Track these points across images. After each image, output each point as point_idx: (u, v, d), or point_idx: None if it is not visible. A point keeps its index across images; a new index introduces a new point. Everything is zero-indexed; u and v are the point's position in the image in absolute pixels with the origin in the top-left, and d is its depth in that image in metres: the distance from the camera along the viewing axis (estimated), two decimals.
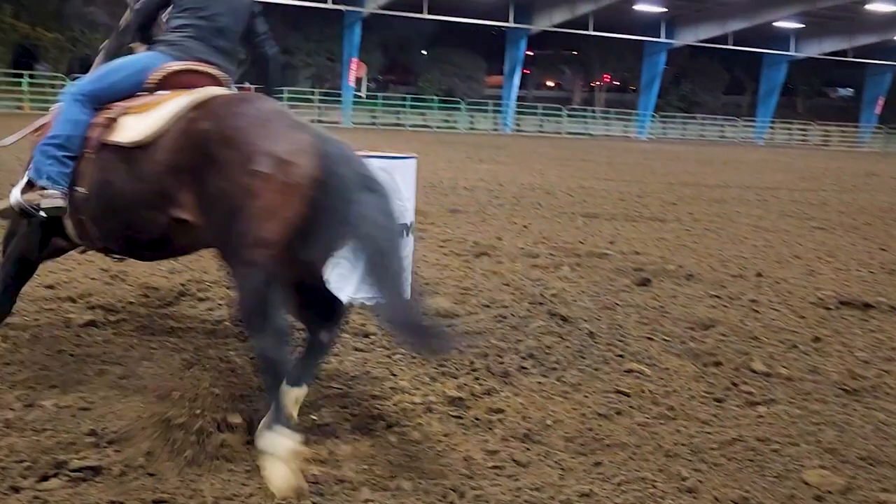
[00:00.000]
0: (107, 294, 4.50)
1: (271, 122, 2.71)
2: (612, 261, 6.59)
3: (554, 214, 9.48)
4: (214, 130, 2.68)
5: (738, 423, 3.26)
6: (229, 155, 2.61)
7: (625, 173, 16.56)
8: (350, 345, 3.91)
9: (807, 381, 3.83)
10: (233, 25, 3.29)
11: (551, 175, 15.06)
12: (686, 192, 13.24)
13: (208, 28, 3.21)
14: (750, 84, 45.37)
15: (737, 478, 2.77)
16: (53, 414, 2.89)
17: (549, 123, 39.45)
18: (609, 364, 3.90)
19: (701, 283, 5.91)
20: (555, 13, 35.68)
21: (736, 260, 7.01)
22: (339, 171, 2.60)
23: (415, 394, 3.32)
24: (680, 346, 4.26)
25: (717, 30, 37.68)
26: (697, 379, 3.77)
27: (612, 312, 4.87)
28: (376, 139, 22.23)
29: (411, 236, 4.79)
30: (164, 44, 3.20)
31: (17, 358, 3.41)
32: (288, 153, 2.58)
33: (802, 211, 11.28)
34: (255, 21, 3.45)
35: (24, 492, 2.39)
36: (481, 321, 4.45)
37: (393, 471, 2.66)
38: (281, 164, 2.55)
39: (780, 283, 6.06)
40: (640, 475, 2.73)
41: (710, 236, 8.40)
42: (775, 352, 4.26)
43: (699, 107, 44.32)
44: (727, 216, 10.23)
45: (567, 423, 3.13)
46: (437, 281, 5.39)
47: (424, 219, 8.00)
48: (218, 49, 3.23)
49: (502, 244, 7.11)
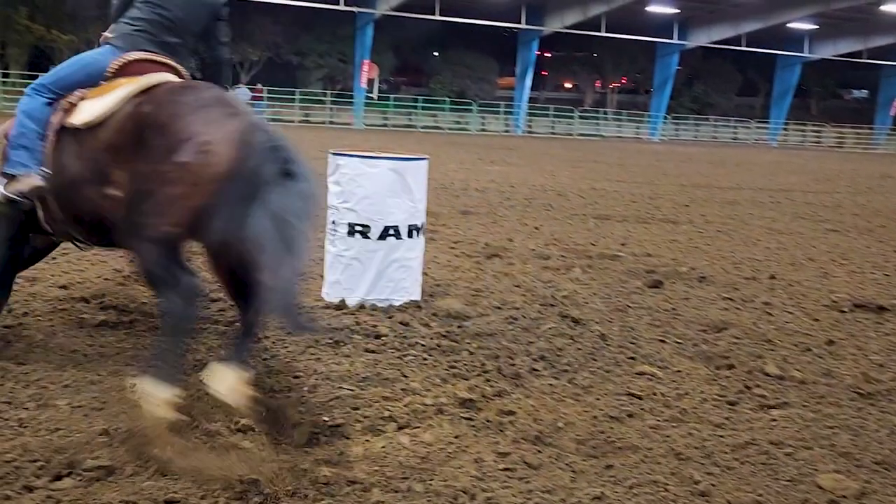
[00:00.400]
0: (120, 295, 4.52)
1: (205, 111, 2.87)
2: (623, 263, 6.57)
3: (565, 216, 9.46)
4: (153, 115, 2.88)
5: (751, 427, 3.23)
6: (158, 141, 2.81)
7: (637, 175, 16.51)
8: (361, 346, 3.91)
9: (821, 384, 3.80)
10: (187, 23, 3.43)
11: (563, 177, 15.04)
12: (698, 193, 13.19)
13: (158, 23, 3.36)
14: (763, 85, 45.18)
15: (750, 482, 2.75)
16: (67, 413, 2.91)
17: (561, 125, 39.41)
18: (621, 366, 3.88)
19: (713, 286, 5.88)
20: (567, 14, 35.64)
21: (749, 262, 6.97)
22: (258, 160, 2.74)
23: (426, 395, 3.32)
24: (692, 349, 4.24)
25: (731, 31, 37.53)
26: (710, 382, 3.75)
27: (623, 314, 4.85)
28: (388, 140, 22.27)
29: (422, 237, 4.79)
30: (116, 36, 3.40)
31: (31, 358, 3.43)
32: (210, 143, 2.75)
33: (816, 213, 11.21)
34: (218, 24, 3.60)
35: (37, 491, 2.40)
36: (492, 323, 4.44)
37: (404, 472, 2.66)
38: (200, 154, 2.74)
39: (793, 286, 6.03)
40: (651, 478, 2.72)
41: (722, 238, 8.35)
42: (789, 355, 4.23)
43: (712, 108, 44.16)
44: (740, 218, 10.18)
45: (578, 426, 3.12)
46: (449, 282, 5.39)
47: (436, 220, 8.00)
48: (166, 44, 3.38)
49: (514, 246, 7.10)
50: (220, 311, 4.34)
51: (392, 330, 4.17)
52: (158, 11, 3.35)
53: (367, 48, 34.34)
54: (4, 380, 3.15)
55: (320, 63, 37.92)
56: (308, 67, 38.09)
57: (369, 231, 4.53)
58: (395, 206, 4.55)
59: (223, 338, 3.91)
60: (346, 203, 4.55)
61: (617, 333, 4.41)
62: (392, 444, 2.86)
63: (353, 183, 4.52)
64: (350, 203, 4.54)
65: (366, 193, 4.51)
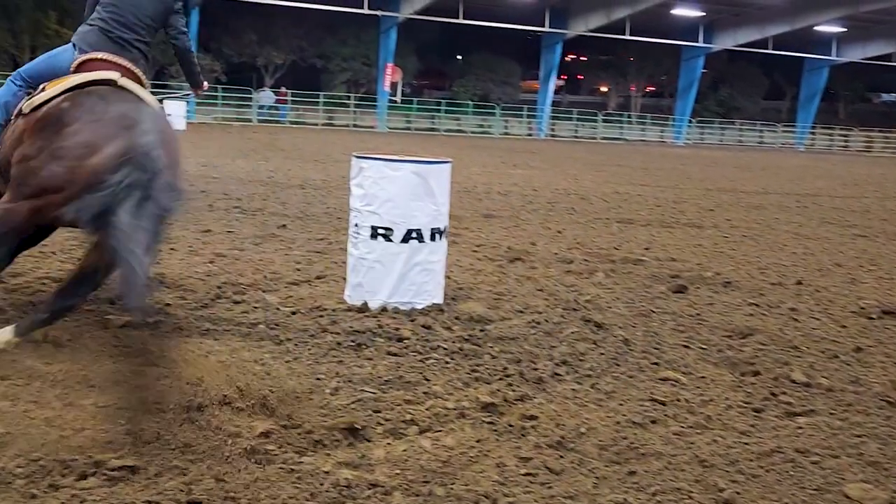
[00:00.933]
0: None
1: (103, 122, 3.27)
2: (647, 267, 6.53)
3: (588, 220, 9.42)
4: (61, 113, 3.32)
5: (777, 434, 3.19)
6: (50, 137, 3.26)
7: (661, 179, 16.40)
8: (384, 349, 3.92)
9: (848, 391, 3.75)
10: (142, 20, 3.82)
11: (586, 180, 14.98)
12: (724, 198, 13.07)
13: (114, 21, 3.75)
14: (790, 89, 44.69)
15: (775, 490, 2.71)
16: (92, 413, 2.94)
17: (585, 129, 39.27)
18: (644, 372, 3.85)
19: (739, 291, 5.82)
20: (591, 18, 35.51)
21: (775, 267, 6.89)
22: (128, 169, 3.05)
23: (448, 399, 3.31)
24: (717, 355, 4.20)
25: (757, 34, 37.17)
26: (735, 388, 3.71)
27: (647, 319, 4.81)
28: (411, 144, 22.31)
29: (445, 240, 4.79)
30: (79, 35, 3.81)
31: (58, 358, 3.47)
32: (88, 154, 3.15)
33: (844, 218, 11.06)
34: (173, 17, 4.01)
35: (62, 490, 2.42)
36: (515, 327, 4.43)
37: (426, 476, 2.66)
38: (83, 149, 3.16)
39: (820, 292, 5.95)
40: (675, 485, 2.69)
41: (748, 243, 8.27)
42: (816, 361, 4.18)
43: (738, 112, 43.75)
44: (766, 223, 10.07)
45: (601, 431, 3.10)
46: (471, 286, 5.38)
47: (458, 223, 8.00)
48: (121, 39, 3.75)
49: (536, 249, 7.08)
50: (244, 314, 4.37)
51: (414, 333, 4.17)
52: (111, 11, 3.75)
53: (390, 51, 34.47)
54: (32, 379, 3.19)
55: (344, 66, 38.09)
56: (332, 71, 38.27)
57: (392, 234, 4.54)
58: (418, 209, 4.55)
59: (246, 340, 3.93)
60: (368, 206, 4.57)
61: (640, 338, 4.38)
62: (414, 448, 2.85)
63: (377, 186, 4.54)
64: (373, 206, 4.55)
65: (389, 196, 4.52)
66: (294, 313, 4.43)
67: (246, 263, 5.69)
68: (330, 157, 17.53)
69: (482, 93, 40.31)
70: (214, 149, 18.01)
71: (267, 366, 3.52)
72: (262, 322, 4.21)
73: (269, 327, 4.14)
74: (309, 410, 3.05)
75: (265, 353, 3.70)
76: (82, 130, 3.23)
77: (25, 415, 2.86)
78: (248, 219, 8.04)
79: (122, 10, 3.77)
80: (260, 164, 14.72)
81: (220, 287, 4.91)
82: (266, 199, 9.63)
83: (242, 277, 5.19)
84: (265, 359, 3.61)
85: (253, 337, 3.99)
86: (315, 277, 5.39)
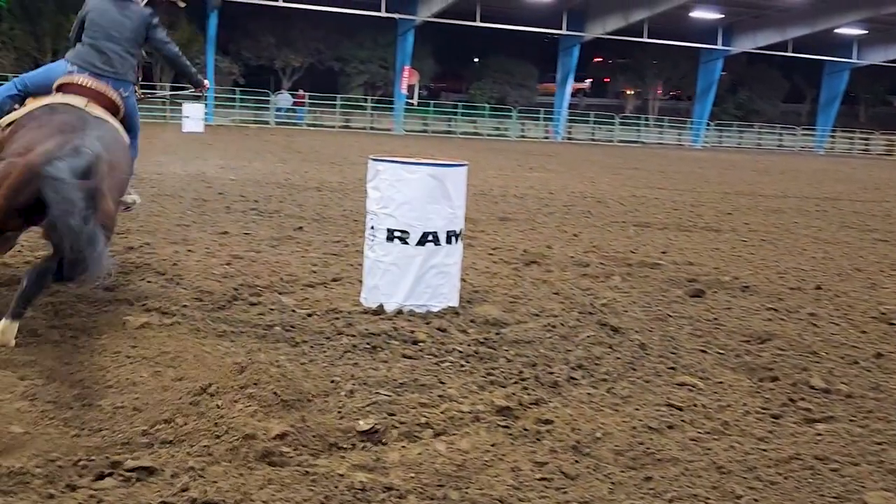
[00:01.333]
0: (162, 297, 4.60)
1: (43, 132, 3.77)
2: (664, 271, 6.49)
3: (605, 223, 9.38)
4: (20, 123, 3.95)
5: (796, 441, 3.16)
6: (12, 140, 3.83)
7: (678, 182, 16.32)
8: (399, 352, 3.92)
9: (868, 398, 3.70)
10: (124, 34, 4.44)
11: (602, 183, 14.93)
12: (742, 201, 12.98)
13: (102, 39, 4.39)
14: (810, 92, 44.36)
15: (794, 497, 2.68)
16: (110, 414, 2.96)
17: (601, 132, 39.15)
18: (661, 377, 3.82)
19: (757, 296, 5.77)
20: (608, 21, 35.43)
21: (794, 272, 6.83)
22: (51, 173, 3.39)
23: (463, 402, 3.30)
24: (735, 360, 4.16)
25: (777, 36, 36.94)
26: (753, 394, 3.68)
27: (664, 324, 4.78)
28: (427, 146, 22.35)
29: (461, 243, 4.79)
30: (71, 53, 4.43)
31: (77, 358, 3.50)
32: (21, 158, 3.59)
33: (864, 222, 10.95)
34: (152, 31, 4.58)
35: (80, 490, 2.44)
36: (530, 330, 4.41)
37: (440, 480, 2.65)
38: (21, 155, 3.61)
39: (840, 297, 5.89)
40: (692, 492, 2.67)
41: (766, 247, 8.20)
42: (835, 367, 4.13)
43: (757, 115, 43.47)
44: (785, 227, 9.99)
45: (617, 436, 3.08)
46: (487, 289, 5.37)
47: (475, 226, 8.00)
48: (108, 51, 4.39)
49: (552, 253, 7.06)
50: (260, 315, 4.39)
51: (429, 336, 4.17)
52: (97, 30, 4.39)
53: (407, 54, 34.56)
54: (50, 380, 3.22)
55: (361, 69, 38.24)
56: (349, 73, 38.44)
57: (408, 237, 4.54)
58: (434, 212, 4.55)
59: (262, 341, 3.95)
60: (385, 209, 4.57)
61: (657, 343, 4.35)
62: (428, 451, 2.85)
63: (393, 189, 4.54)
64: (389, 209, 4.56)
65: (405, 199, 4.53)
66: (310, 315, 4.45)
67: (262, 265, 5.71)
68: (347, 159, 17.59)
69: (499, 95, 40.31)
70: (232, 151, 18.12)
71: (282, 368, 3.52)
72: (278, 324, 4.23)
73: (284, 329, 4.15)
74: (324, 413, 3.05)
75: (281, 355, 3.71)
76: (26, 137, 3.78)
77: (44, 415, 2.88)
78: (264, 221, 8.08)
79: (107, 28, 4.41)
80: (277, 167, 14.79)
81: (237, 289, 4.93)
82: (283, 202, 9.67)
83: (259, 279, 5.22)
84: (281, 361, 3.62)
85: (269, 339, 4.00)
86: (331, 280, 5.41)
